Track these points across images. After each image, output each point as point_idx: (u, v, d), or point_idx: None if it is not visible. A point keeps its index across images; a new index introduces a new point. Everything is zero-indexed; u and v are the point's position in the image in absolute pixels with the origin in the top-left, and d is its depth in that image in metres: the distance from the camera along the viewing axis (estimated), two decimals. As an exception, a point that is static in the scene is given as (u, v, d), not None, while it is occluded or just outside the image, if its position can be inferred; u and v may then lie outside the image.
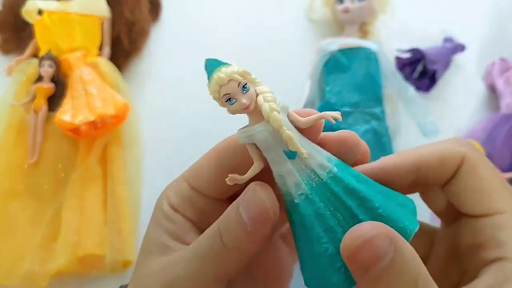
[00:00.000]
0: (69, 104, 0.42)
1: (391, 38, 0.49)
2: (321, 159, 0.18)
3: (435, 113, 0.45)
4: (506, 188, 0.19)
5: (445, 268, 0.20)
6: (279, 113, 0.17)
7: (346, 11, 0.45)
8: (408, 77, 0.47)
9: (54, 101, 0.43)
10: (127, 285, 0.22)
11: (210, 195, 0.22)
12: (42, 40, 0.45)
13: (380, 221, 0.16)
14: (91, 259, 0.38)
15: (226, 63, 0.17)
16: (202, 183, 0.21)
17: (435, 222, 0.23)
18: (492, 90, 0.47)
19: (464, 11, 0.52)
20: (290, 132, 0.17)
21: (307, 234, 0.18)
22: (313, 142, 0.19)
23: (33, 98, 0.43)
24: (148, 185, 0.43)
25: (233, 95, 0.17)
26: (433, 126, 0.42)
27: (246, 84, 0.17)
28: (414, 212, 0.19)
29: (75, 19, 0.45)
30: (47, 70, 0.43)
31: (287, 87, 0.47)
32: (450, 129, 0.46)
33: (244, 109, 0.17)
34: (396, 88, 0.43)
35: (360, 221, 0.17)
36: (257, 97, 0.18)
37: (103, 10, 0.46)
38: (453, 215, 0.20)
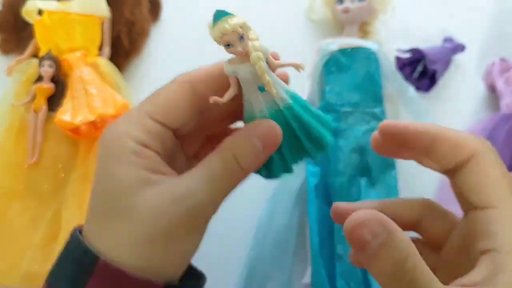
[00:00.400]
0: (69, 104, 0.42)
1: (391, 38, 0.49)
2: (282, 93, 0.23)
3: (435, 113, 0.45)
4: (509, 185, 0.20)
5: (457, 257, 0.21)
6: (263, 61, 0.21)
7: (346, 11, 0.45)
8: (408, 77, 0.47)
9: (54, 101, 0.43)
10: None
11: (188, 124, 0.23)
12: (42, 40, 0.45)
13: (312, 139, 0.24)
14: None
15: (231, 14, 0.21)
16: (178, 115, 0.23)
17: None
18: (492, 90, 0.47)
19: (464, 11, 0.52)
20: (269, 77, 0.21)
21: None
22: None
23: (33, 98, 0.43)
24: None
25: (232, 42, 0.21)
26: None
27: (243, 35, 0.21)
28: (331, 128, 0.25)
29: (75, 19, 0.45)
30: (47, 70, 0.43)
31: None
32: (450, 129, 0.46)
33: (238, 55, 0.22)
34: (396, 88, 0.43)
35: (300, 141, 0.24)
36: (243, 39, 0.21)
37: (103, 10, 0.46)
38: (463, 206, 0.21)
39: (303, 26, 0.51)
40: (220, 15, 0.21)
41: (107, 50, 0.46)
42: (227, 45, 0.22)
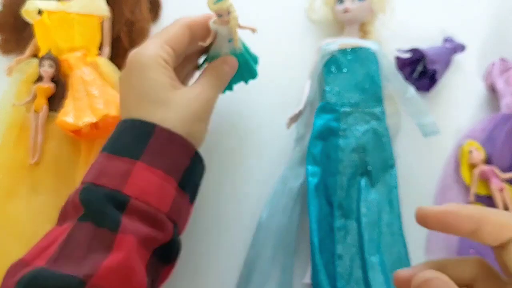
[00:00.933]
0: (71, 105, 0.42)
1: (391, 38, 0.49)
2: (240, 44, 0.38)
3: (435, 113, 0.45)
4: None
5: None
6: (237, 27, 0.36)
7: (346, 11, 0.45)
8: (408, 77, 0.47)
9: (54, 101, 0.43)
10: None
11: (182, 55, 0.37)
12: (42, 40, 0.45)
13: (249, 70, 0.41)
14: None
15: None
16: (180, 46, 0.35)
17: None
18: (492, 90, 0.47)
19: (464, 11, 0.52)
20: (239, 38, 0.38)
21: None
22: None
23: (34, 98, 0.43)
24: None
25: (223, 14, 0.34)
26: (433, 127, 0.42)
27: (229, 12, 0.34)
28: (257, 64, 0.42)
29: (75, 19, 0.45)
30: (47, 70, 0.43)
31: (287, 86, 0.47)
32: (450, 129, 0.46)
33: (224, 22, 0.35)
34: (396, 88, 0.43)
35: (241, 74, 0.41)
36: (229, 14, 0.35)
37: (103, 10, 0.46)
38: (507, 274, 0.23)
39: (303, 26, 0.51)
40: None
41: (107, 50, 0.46)
42: (219, 15, 0.34)
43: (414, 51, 0.47)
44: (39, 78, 0.44)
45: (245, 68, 0.41)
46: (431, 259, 0.42)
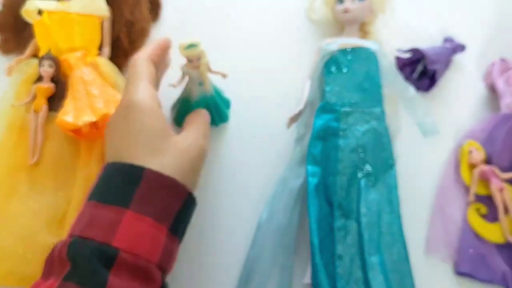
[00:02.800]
0: (71, 105, 0.42)
1: (391, 38, 0.50)
2: (211, 88, 0.40)
3: (435, 113, 0.45)
4: None
5: None
6: (207, 72, 0.39)
7: (346, 11, 0.45)
8: (408, 77, 0.47)
9: (54, 101, 0.43)
10: None
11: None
12: (42, 40, 0.45)
13: (220, 114, 0.44)
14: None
15: (197, 45, 0.36)
16: (157, 83, 0.38)
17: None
18: (492, 90, 0.47)
19: (464, 11, 0.52)
20: (209, 82, 0.40)
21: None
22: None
23: (34, 98, 0.43)
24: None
25: (193, 60, 0.37)
26: (433, 127, 0.42)
27: (200, 58, 0.37)
28: (229, 108, 0.46)
29: (75, 19, 0.45)
30: (47, 70, 0.43)
31: (287, 86, 0.47)
32: (450, 129, 0.46)
33: (194, 67, 0.38)
34: (396, 88, 0.43)
35: (212, 117, 0.41)
36: (200, 60, 0.37)
37: (103, 10, 0.46)
38: None
39: (303, 26, 0.51)
40: (191, 46, 0.36)
41: (107, 50, 0.46)
42: (190, 61, 0.37)
43: (414, 51, 0.47)
44: (39, 78, 0.44)
45: (215, 111, 0.43)
46: (431, 258, 0.42)
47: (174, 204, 0.31)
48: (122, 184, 0.30)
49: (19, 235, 0.39)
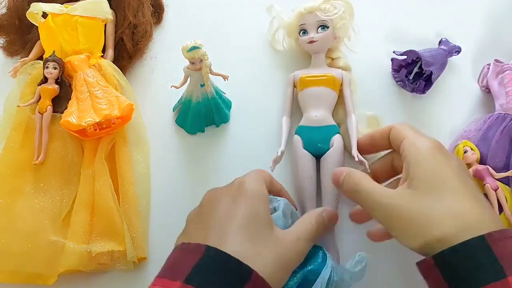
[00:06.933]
0: (75, 106, 0.42)
1: (387, 40, 0.50)
2: (212, 89, 0.42)
3: (430, 114, 0.46)
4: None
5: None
6: (209, 73, 0.40)
7: (311, 41, 0.45)
8: (404, 79, 0.48)
9: (59, 102, 0.44)
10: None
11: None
12: (47, 43, 0.46)
13: (220, 115, 0.45)
14: (101, 257, 0.39)
15: (199, 47, 0.38)
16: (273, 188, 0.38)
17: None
18: (487, 91, 0.48)
19: (460, 13, 0.53)
20: (210, 83, 0.42)
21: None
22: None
23: (38, 99, 0.44)
24: (153, 184, 0.44)
25: (195, 62, 0.39)
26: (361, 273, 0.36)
27: (202, 59, 0.39)
28: (230, 109, 0.47)
29: (79, 21, 0.45)
30: (51, 71, 0.44)
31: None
32: (445, 129, 0.47)
33: (196, 68, 0.40)
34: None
35: (212, 118, 0.45)
36: (202, 62, 0.39)
37: (107, 13, 0.47)
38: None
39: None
40: (193, 48, 0.38)
41: (110, 52, 0.47)
42: (192, 62, 0.40)
43: (410, 53, 0.47)
44: (44, 80, 0.44)
45: (216, 112, 0.44)
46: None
47: None
48: (226, 281, 0.28)
49: (24, 233, 0.39)
